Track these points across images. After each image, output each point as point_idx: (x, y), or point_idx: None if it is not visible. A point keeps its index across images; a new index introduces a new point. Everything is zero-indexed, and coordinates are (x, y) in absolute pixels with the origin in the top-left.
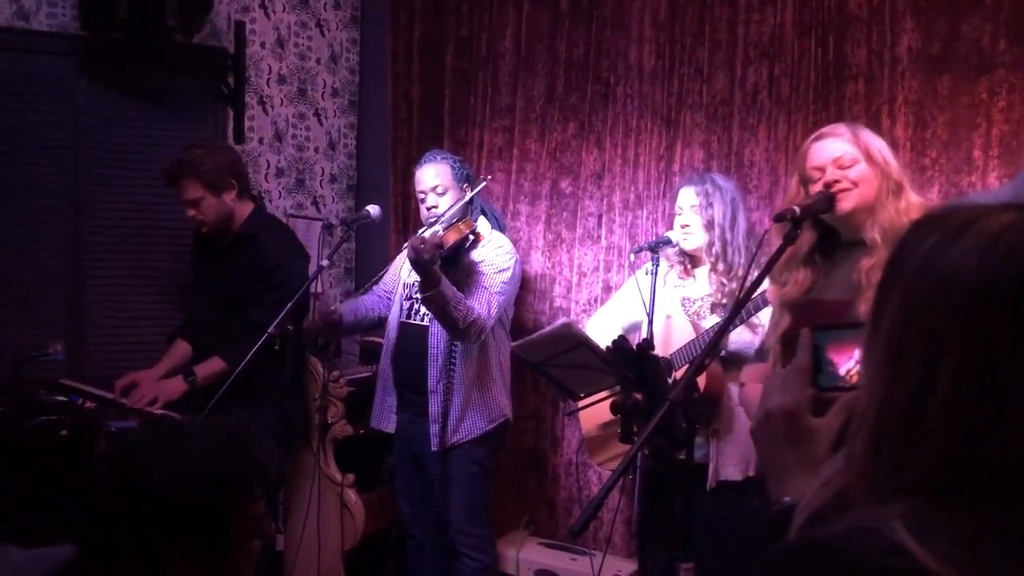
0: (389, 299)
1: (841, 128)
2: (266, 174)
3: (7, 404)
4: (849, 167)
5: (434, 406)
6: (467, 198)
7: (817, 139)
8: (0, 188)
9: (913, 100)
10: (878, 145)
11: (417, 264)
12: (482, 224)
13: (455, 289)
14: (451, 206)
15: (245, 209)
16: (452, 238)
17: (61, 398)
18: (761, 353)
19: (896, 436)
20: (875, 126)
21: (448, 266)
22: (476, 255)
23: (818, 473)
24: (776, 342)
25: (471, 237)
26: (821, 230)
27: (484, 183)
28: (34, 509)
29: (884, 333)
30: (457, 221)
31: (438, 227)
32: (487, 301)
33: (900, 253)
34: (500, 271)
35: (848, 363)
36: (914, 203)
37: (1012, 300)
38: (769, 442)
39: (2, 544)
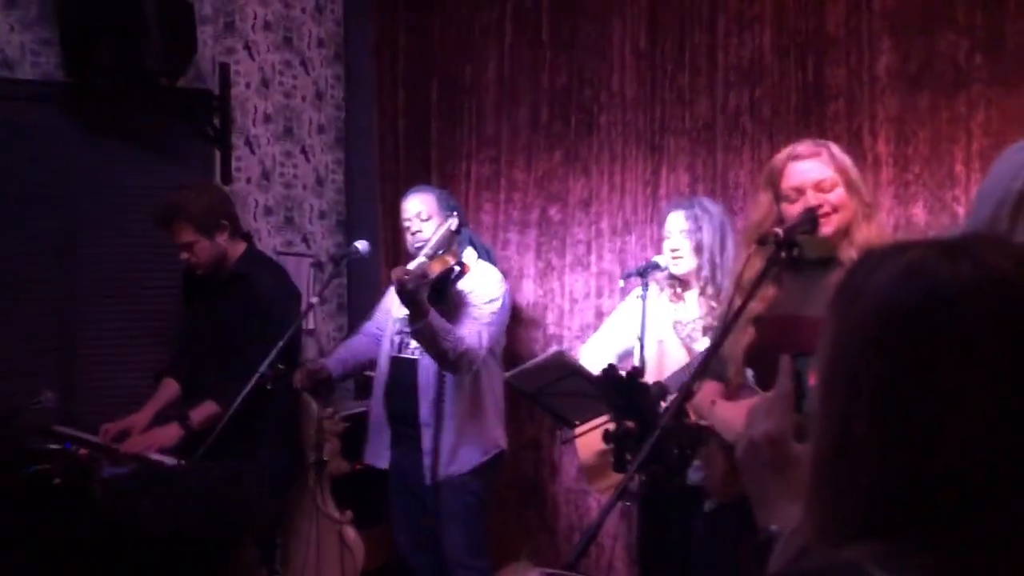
0: (381, 338)
1: (816, 148)
2: (254, 213)
3: (0, 454)
4: (829, 191)
5: (427, 440)
6: (448, 226)
7: (795, 159)
8: None
9: (894, 117)
10: (852, 166)
11: (403, 295)
12: (469, 255)
13: (444, 320)
14: (433, 234)
15: (238, 249)
16: (437, 268)
17: (54, 445)
18: (719, 363)
19: (828, 475)
20: (857, 144)
21: (436, 298)
22: (464, 286)
23: (803, 500)
24: (741, 355)
25: (456, 268)
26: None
27: (455, 217)
28: (28, 559)
29: (819, 370)
30: (442, 252)
31: (422, 258)
32: (477, 332)
33: (837, 289)
34: (489, 301)
35: None
36: (882, 224)
37: (915, 329)
38: (754, 469)
39: None
